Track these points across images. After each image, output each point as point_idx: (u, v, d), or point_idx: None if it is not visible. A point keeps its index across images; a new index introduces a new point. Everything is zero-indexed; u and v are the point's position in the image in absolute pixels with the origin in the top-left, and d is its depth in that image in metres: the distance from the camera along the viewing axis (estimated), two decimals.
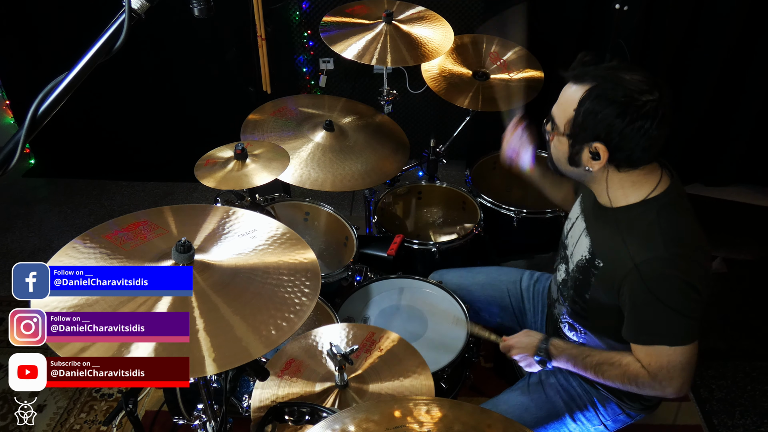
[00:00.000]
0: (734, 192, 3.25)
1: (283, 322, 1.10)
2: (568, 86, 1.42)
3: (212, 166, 1.78)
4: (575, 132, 1.40)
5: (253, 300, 1.13)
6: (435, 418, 0.98)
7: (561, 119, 1.43)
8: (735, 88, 3.00)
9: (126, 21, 0.99)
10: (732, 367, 2.36)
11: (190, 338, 1.03)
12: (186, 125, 3.27)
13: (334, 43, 2.19)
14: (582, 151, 1.41)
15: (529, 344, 1.61)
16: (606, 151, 1.37)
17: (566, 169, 1.49)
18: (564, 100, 1.42)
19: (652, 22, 2.79)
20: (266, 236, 1.28)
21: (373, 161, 2.12)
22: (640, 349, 1.43)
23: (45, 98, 0.98)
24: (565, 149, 1.44)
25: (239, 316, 1.09)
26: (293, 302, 1.14)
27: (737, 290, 2.62)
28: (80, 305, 1.06)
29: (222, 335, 1.06)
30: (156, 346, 1.03)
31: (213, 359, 1.02)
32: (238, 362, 1.03)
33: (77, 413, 2.28)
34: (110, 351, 1.02)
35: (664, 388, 1.42)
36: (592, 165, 1.41)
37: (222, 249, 1.23)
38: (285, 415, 1.40)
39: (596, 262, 1.49)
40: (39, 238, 3.12)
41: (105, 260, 1.16)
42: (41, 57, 3.13)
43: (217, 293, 1.12)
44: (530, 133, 1.81)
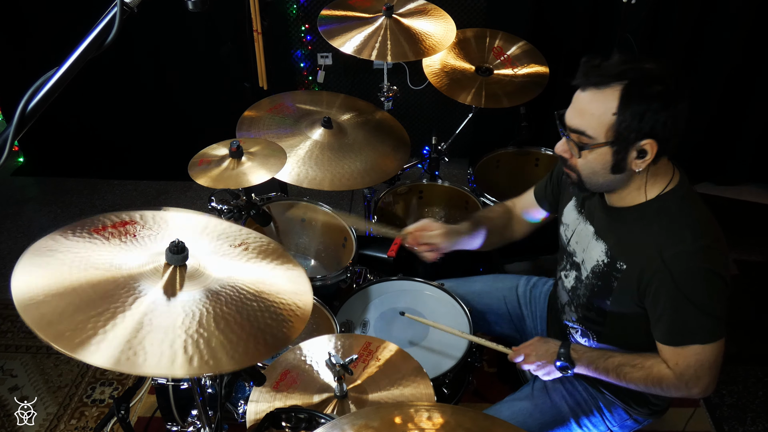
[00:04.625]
0: (745, 191, 3.24)
1: (259, 344, 1.04)
2: (589, 93, 1.36)
3: (207, 165, 1.76)
4: (621, 137, 1.34)
5: (237, 316, 1.07)
6: (437, 425, 0.96)
7: (597, 130, 1.35)
8: (746, 85, 2.99)
9: (118, 15, 0.97)
10: (743, 372, 2.34)
11: (176, 341, 0.98)
12: (180, 122, 3.27)
13: (332, 38, 2.18)
14: (628, 154, 1.37)
15: (548, 350, 1.58)
16: (655, 145, 1.33)
17: (605, 180, 1.42)
18: (593, 109, 1.35)
19: (661, 16, 2.78)
20: (257, 249, 1.23)
21: (372, 159, 2.10)
22: (669, 349, 1.41)
23: (34, 95, 0.96)
24: (607, 159, 1.38)
25: (217, 327, 1.04)
26: (279, 330, 1.08)
27: (748, 292, 2.61)
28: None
29: (200, 339, 1.00)
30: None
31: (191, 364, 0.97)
32: (206, 370, 0.97)
33: (67, 419, 2.26)
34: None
35: (690, 389, 1.41)
36: (639, 165, 1.37)
37: (211, 258, 1.18)
38: (282, 421, 1.38)
39: (618, 264, 1.46)
40: (28, 238, 3.09)
41: (92, 252, 1.11)
42: (31, 52, 3.11)
43: (206, 298, 1.07)
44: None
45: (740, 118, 3.08)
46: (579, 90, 1.38)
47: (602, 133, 1.35)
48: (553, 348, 1.57)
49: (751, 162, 3.20)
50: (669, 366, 1.41)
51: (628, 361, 1.47)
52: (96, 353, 0.92)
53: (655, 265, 1.37)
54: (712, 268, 1.35)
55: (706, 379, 1.39)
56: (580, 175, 1.44)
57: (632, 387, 1.49)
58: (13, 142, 0.95)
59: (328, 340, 1.65)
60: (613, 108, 1.32)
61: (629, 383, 1.48)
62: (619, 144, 1.35)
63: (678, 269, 1.34)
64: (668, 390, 1.43)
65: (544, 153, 2.59)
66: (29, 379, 2.39)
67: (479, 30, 2.55)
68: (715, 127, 3.10)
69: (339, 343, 1.63)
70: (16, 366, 2.44)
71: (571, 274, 1.62)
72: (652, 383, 1.44)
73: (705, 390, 1.40)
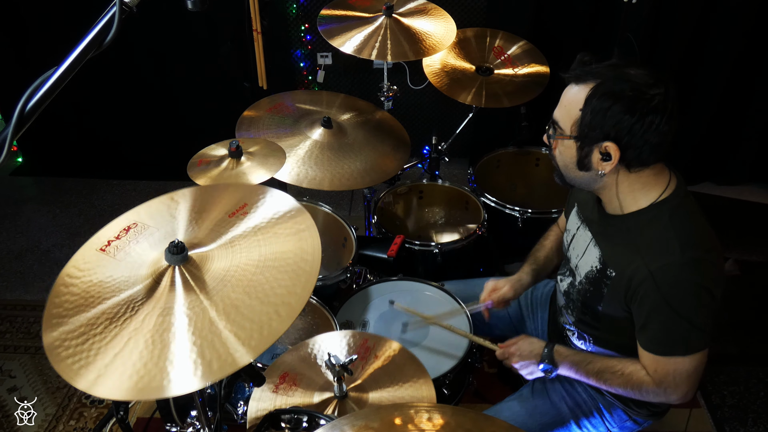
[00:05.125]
0: (747, 191, 3.24)
1: (272, 320, 1.01)
2: (569, 87, 1.38)
3: (206, 165, 1.76)
4: (583, 133, 1.35)
5: (245, 298, 1.05)
6: (437, 426, 0.96)
7: (566, 122, 1.38)
8: (747, 84, 2.98)
9: (117, 14, 0.97)
10: (744, 373, 2.33)
11: (174, 344, 0.98)
12: (179, 122, 3.26)
13: (332, 37, 2.17)
14: (591, 153, 1.37)
15: (531, 351, 1.60)
16: (617, 149, 1.33)
17: (575, 175, 1.44)
18: (567, 101, 1.38)
19: (662, 16, 2.77)
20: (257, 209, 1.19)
21: (372, 159, 2.09)
22: (651, 357, 1.41)
23: (33, 94, 0.95)
24: (572, 153, 1.40)
25: (228, 319, 1.02)
26: (291, 296, 1.04)
27: (750, 293, 2.60)
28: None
29: (214, 339, 0.99)
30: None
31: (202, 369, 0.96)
32: (229, 369, 0.96)
33: (66, 420, 2.25)
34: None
35: (669, 396, 1.42)
36: (603, 167, 1.37)
37: (215, 234, 1.14)
38: (282, 422, 1.37)
39: (608, 272, 1.46)
40: (26, 238, 3.10)
41: (102, 273, 1.10)
42: (29, 51, 3.10)
43: (209, 295, 1.05)
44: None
45: (741, 117, 3.07)
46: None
47: (568, 126, 1.37)
48: (537, 349, 1.58)
49: (753, 162, 3.20)
50: (648, 372, 1.41)
51: (609, 367, 1.48)
52: (114, 389, 0.93)
53: (642, 275, 1.36)
54: (700, 281, 1.33)
55: (685, 387, 1.39)
56: (557, 165, 1.47)
57: (613, 391, 1.52)
58: (11, 141, 0.94)
59: (327, 339, 1.64)
60: (580, 103, 1.33)
61: (610, 388, 1.50)
62: (582, 140, 1.36)
63: (665, 281, 1.33)
64: (647, 395, 1.44)
65: (544, 153, 2.58)
66: (28, 379, 2.38)
67: (479, 29, 2.55)
68: (716, 126, 3.09)
69: (343, 341, 1.62)
70: (14, 366, 2.43)
71: (566, 279, 1.64)
72: (631, 389, 1.45)
73: (683, 397, 1.41)
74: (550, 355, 1.55)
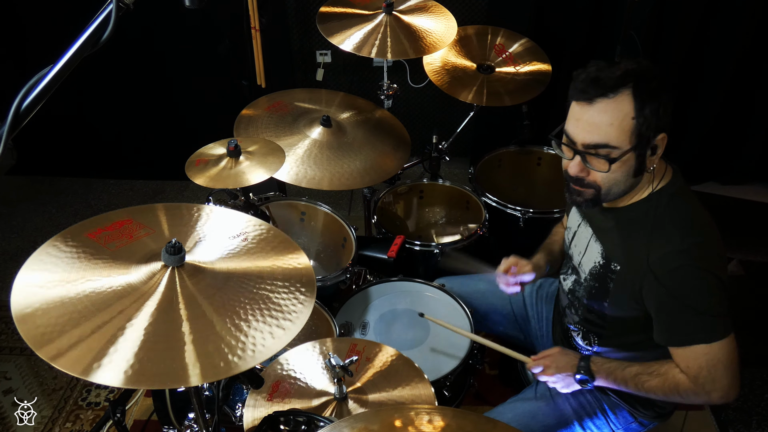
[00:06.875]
0: (751, 191, 3.22)
1: (278, 329, 1.06)
2: (600, 105, 1.32)
3: (204, 164, 1.75)
4: (642, 138, 1.34)
5: (245, 306, 1.09)
6: (437, 428, 0.96)
7: (621, 138, 1.33)
8: (752, 83, 2.97)
9: (114, 11, 0.97)
10: (748, 375, 2.32)
11: (175, 346, 0.99)
12: (177, 121, 3.25)
13: (331, 35, 2.17)
14: (645, 154, 1.37)
15: (568, 363, 1.56)
16: (665, 137, 1.36)
17: (625, 186, 1.40)
18: (610, 119, 1.32)
19: (665, 13, 2.76)
20: (257, 239, 1.25)
21: (372, 158, 2.08)
22: (676, 352, 1.40)
23: (28, 93, 0.95)
24: (631, 164, 1.37)
25: (229, 323, 1.05)
26: (289, 309, 1.12)
27: (754, 294, 2.59)
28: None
29: (210, 343, 1.01)
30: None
31: (199, 370, 0.97)
32: (225, 374, 0.99)
33: (62, 422, 2.23)
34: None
35: (709, 393, 1.37)
36: (653, 161, 1.39)
37: (211, 251, 1.18)
38: (281, 424, 1.38)
39: (612, 265, 1.46)
40: (22, 238, 3.08)
41: (89, 260, 1.11)
42: (25, 49, 3.09)
43: (207, 298, 1.07)
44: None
45: (746, 116, 3.06)
46: (580, 105, 1.34)
47: (626, 140, 1.33)
48: (573, 360, 1.55)
49: (757, 161, 3.19)
50: (682, 370, 1.39)
51: (645, 369, 1.45)
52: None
53: (643, 267, 1.37)
54: (703, 265, 1.34)
55: (724, 381, 1.35)
56: (599, 190, 1.40)
57: (653, 397, 1.47)
58: (7, 141, 0.93)
59: (311, 347, 1.62)
60: (630, 112, 1.31)
61: (648, 392, 1.45)
62: (641, 146, 1.35)
63: (665, 270, 1.34)
64: (687, 396, 1.40)
65: (546, 152, 2.57)
66: (24, 381, 2.36)
67: (481, 27, 2.55)
68: (720, 125, 3.08)
69: (326, 348, 1.62)
70: (10, 368, 2.41)
71: (570, 278, 1.63)
72: (669, 390, 1.41)
73: (725, 393, 1.36)
74: (587, 366, 1.51)
